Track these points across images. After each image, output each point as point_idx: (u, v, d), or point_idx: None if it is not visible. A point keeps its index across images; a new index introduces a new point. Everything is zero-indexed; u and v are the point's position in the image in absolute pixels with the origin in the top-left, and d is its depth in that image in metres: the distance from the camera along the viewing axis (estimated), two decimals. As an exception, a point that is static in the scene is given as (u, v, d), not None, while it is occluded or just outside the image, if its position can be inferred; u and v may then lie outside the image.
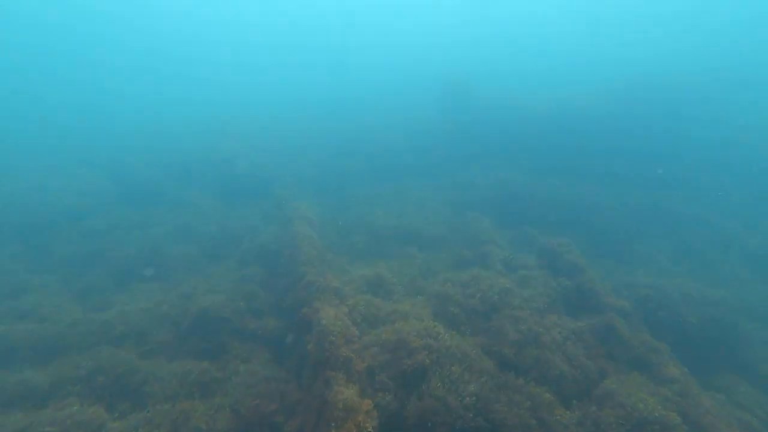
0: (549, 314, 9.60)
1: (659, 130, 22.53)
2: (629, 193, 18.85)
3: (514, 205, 18.15)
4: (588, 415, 6.78)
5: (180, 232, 14.13)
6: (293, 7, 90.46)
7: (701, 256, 14.19)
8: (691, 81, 25.23)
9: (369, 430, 5.44)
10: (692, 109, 23.82)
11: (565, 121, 22.92)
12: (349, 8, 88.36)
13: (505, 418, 6.28)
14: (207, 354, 8.48)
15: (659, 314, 9.98)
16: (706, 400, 7.58)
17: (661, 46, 48.33)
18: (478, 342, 8.35)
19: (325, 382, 6.40)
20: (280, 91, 46.23)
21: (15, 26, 66.36)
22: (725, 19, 55.14)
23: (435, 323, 8.35)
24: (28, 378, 7.18)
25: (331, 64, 61.22)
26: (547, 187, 19.54)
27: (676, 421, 6.48)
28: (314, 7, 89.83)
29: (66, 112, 35.96)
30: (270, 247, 12.33)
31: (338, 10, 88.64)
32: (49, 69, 56.92)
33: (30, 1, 64.38)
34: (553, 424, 6.52)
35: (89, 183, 16.76)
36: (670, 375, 7.94)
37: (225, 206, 17.16)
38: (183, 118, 31.55)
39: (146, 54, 70.22)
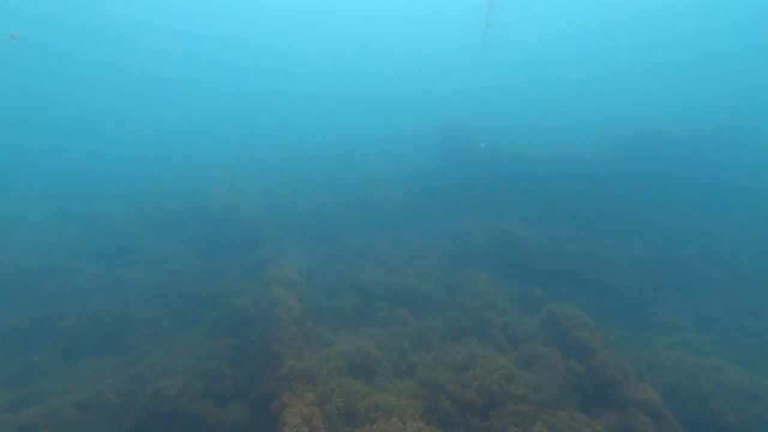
0: (560, 410, 8.12)
1: (674, 180, 21.54)
2: (643, 248, 17.62)
3: (516, 259, 16.96)
4: None
5: (151, 294, 12.98)
6: (295, 47, 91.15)
7: (728, 327, 12.69)
8: (706, 127, 24.63)
9: None
10: (709, 156, 22.93)
11: (572, 168, 22.11)
12: (349, 52, 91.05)
13: None
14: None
15: (690, 407, 8.45)
16: None
17: (670, 93, 48.75)
18: (474, 453, 6.87)
19: None
20: (278, 135, 46.57)
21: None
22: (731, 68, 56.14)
23: (419, 427, 6.93)
24: None
25: (330, 109, 62.36)
26: (552, 239, 18.43)
27: None
28: (313, 50, 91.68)
29: (58, 157, 35.97)
30: (245, 314, 11.10)
31: (338, 54, 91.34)
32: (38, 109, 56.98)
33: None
34: None
35: (63, 237, 15.90)
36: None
37: (207, 262, 16.11)
38: (171, 161, 31.27)
39: (139, 94, 71.06)
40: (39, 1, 58.74)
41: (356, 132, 43.06)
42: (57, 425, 7.30)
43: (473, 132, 26.66)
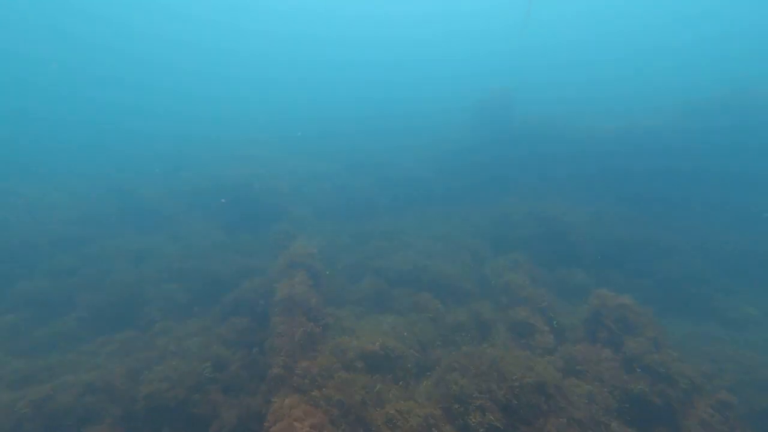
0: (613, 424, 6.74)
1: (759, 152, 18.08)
2: (711, 233, 15.13)
3: (559, 245, 15.09)
4: None
5: (173, 269, 12.72)
6: (316, 18, 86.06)
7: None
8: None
9: None
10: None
11: (630, 141, 19.23)
12: (376, 20, 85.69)
13: None
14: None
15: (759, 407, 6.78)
16: None
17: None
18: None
19: None
20: (303, 110, 45.32)
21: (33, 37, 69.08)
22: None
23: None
24: None
25: (358, 80, 59.82)
26: (602, 223, 16.31)
27: None
28: (340, 19, 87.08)
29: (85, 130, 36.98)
30: (257, 297, 10.44)
31: (364, 22, 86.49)
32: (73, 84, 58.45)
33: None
34: None
35: (96, 209, 16.10)
36: None
37: (230, 238, 15.72)
38: (200, 139, 31.23)
39: (162, 68, 71.06)
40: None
41: (391, 105, 40.89)
42: (61, 407, 7.03)
43: (517, 103, 24.11)
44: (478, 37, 73.12)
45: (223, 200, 18.16)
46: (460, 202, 20.41)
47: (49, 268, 12.20)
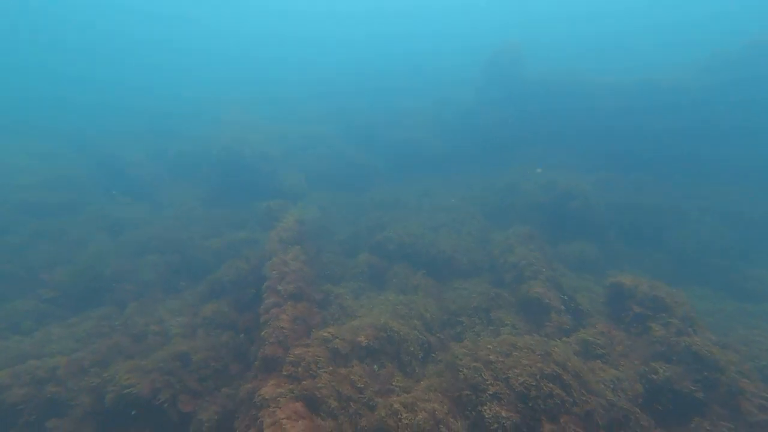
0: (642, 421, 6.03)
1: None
2: (741, 200, 14.08)
3: (569, 214, 14.07)
4: None
5: (151, 243, 11.66)
6: None
7: None
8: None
9: None
10: None
11: (649, 98, 17.62)
12: None
13: None
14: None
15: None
16: None
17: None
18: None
19: None
20: (295, 67, 42.18)
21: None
22: None
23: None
24: None
25: (353, 36, 55.56)
26: (613, 188, 15.25)
27: None
28: None
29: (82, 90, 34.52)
30: (246, 279, 9.45)
31: None
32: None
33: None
34: None
35: (73, 172, 14.73)
36: None
37: (215, 208, 14.58)
38: (185, 100, 29.08)
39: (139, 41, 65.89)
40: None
41: (392, 61, 37.71)
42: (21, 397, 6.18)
43: (528, 59, 22.12)
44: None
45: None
46: (464, 168, 19.21)
47: (15, 241, 11.08)
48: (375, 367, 7.14)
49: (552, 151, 18.38)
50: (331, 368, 6.53)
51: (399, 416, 5.82)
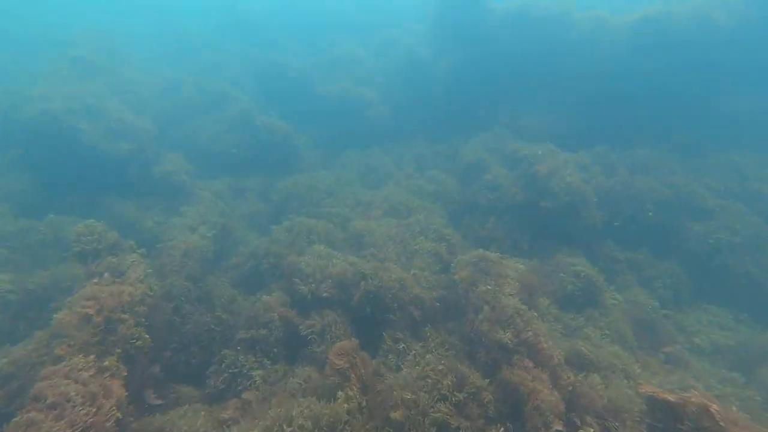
0: None
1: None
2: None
3: (555, 213, 10.37)
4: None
5: None
6: None
7: None
8: None
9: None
10: None
11: (647, 44, 13.45)
12: None
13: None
14: None
15: None
16: None
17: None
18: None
19: None
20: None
21: None
22: None
23: None
24: None
25: None
26: (607, 171, 11.74)
27: None
28: None
29: None
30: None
31: None
32: None
33: None
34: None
35: None
36: None
37: (33, 214, 9.39)
38: None
39: None
40: None
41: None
42: None
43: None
44: None
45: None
46: (414, 140, 14.90)
47: None
48: None
49: (525, 114, 14.37)
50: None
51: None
